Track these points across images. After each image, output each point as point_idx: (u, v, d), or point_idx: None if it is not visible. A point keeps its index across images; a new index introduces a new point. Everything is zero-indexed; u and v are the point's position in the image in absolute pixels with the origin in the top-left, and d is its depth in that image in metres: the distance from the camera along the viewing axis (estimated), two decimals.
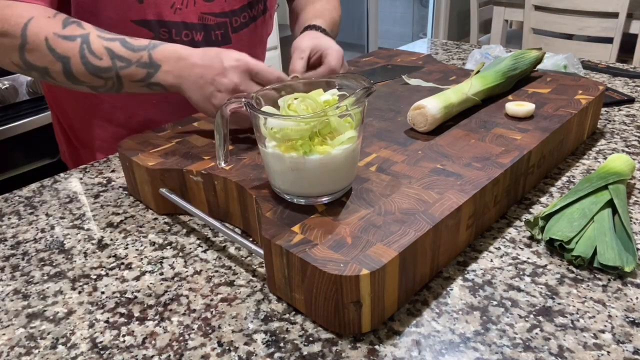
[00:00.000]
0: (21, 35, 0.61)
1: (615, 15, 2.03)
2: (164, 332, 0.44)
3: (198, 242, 0.56)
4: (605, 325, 0.43)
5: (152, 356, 0.42)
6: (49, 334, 0.45)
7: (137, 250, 0.55)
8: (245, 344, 0.43)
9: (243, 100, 0.49)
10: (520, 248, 0.53)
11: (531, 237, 0.54)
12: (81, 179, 0.71)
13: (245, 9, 0.82)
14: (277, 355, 0.41)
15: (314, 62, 0.72)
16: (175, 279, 0.51)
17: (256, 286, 0.49)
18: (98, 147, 0.85)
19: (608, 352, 0.41)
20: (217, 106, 0.61)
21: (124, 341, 0.44)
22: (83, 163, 0.79)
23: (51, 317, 0.47)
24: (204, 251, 0.55)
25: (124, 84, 0.64)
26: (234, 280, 0.50)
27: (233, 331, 0.44)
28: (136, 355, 0.42)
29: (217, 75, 0.60)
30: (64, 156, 0.96)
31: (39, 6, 0.64)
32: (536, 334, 0.42)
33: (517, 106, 0.67)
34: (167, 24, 0.74)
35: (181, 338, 0.44)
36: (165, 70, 0.62)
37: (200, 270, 0.52)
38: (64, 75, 0.63)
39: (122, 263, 0.53)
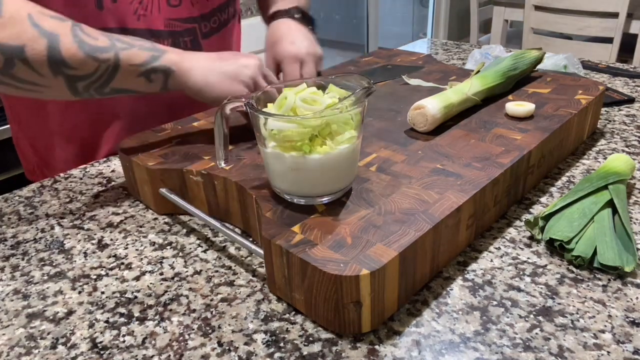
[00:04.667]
0: None
1: (615, 15, 2.03)
2: (164, 332, 0.44)
3: (198, 242, 0.56)
4: (605, 325, 0.43)
5: (152, 356, 0.42)
6: (49, 334, 0.45)
7: (137, 250, 0.55)
8: (245, 344, 0.43)
9: (243, 100, 0.49)
10: (520, 248, 0.53)
11: (531, 237, 0.54)
12: (81, 179, 0.71)
13: (215, 13, 0.78)
14: (277, 355, 0.41)
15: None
16: (175, 279, 0.51)
17: (256, 286, 0.49)
18: (57, 168, 0.79)
19: (608, 352, 0.41)
20: (246, 83, 0.61)
21: (124, 341, 0.44)
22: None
23: (51, 317, 0.47)
24: (204, 251, 0.55)
25: (119, 72, 0.56)
26: (234, 280, 0.50)
27: (233, 331, 0.44)
28: (136, 355, 0.42)
29: (236, 56, 0.61)
30: (31, 174, 0.87)
31: None
32: (536, 334, 0.42)
33: (517, 106, 0.67)
34: (130, 32, 0.69)
35: (181, 338, 0.44)
36: (173, 54, 0.59)
37: (200, 270, 0.52)
38: (46, 55, 0.52)
39: (122, 263, 0.53)
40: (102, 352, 0.43)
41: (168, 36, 0.73)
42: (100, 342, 0.44)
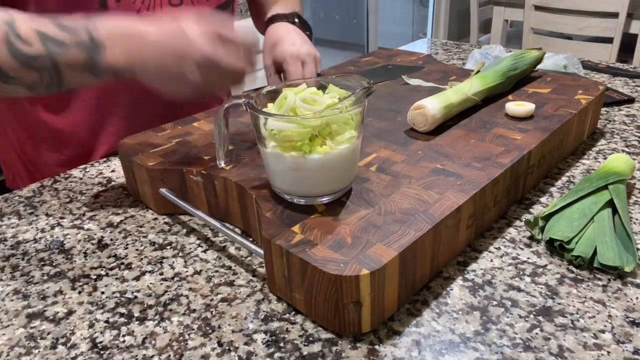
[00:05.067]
0: None
1: (615, 15, 2.03)
2: (164, 332, 0.44)
3: (198, 242, 0.56)
4: (605, 325, 0.43)
5: (152, 356, 0.42)
6: (49, 334, 0.45)
7: (137, 250, 0.55)
8: (245, 344, 0.43)
9: (243, 100, 0.49)
10: (520, 248, 0.53)
11: (531, 237, 0.54)
12: (81, 179, 0.71)
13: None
14: (277, 355, 0.41)
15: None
16: (175, 279, 0.51)
17: (256, 286, 0.49)
18: (48, 172, 0.78)
19: (608, 352, 0.41)
20: (194, 83, 0.51)
21: (124, 341, 0.44)
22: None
23: (51, 317, 0.47)
24: (204, 251, 0.55)
25: (64, 75, 0.51)
26: (234, 280, 0.50)
27: (233, 331, 0.44)
28: (136, 355, 0.42)
29: (184, 49, 0.50)
30: (10, 183, 0.86)
31: None
32: (536, 334, 0.42)
33: (517, 106, 0.67)
34: None
35: (181, 338, 0.44)
36: (112, 50, 0.50)
37: (200, 270, 0.52)
38: None
39: (122, 263, 0.53)
40: (102, 352, 0.43)
41: None
42: (100, 342, 0.44)
